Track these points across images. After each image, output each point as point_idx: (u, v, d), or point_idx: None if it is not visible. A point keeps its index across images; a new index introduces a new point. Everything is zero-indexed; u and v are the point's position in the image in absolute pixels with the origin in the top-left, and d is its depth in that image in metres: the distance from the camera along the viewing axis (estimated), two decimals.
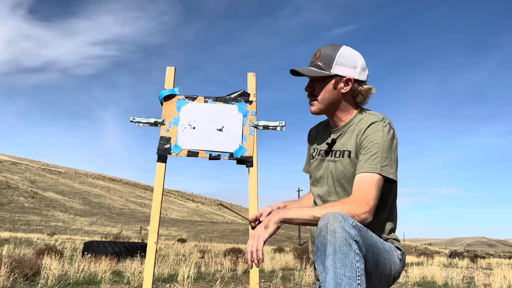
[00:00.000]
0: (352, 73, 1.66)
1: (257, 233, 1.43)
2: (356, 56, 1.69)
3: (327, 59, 1.67)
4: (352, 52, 1.69)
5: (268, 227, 1.44)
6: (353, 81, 1.66)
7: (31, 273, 5.27)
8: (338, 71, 1.66)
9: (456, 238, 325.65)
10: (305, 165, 1.97)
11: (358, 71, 1.67)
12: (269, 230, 1.43)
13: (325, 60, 1.67)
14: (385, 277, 1.52)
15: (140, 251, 11.00)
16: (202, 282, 6.17)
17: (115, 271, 6.63)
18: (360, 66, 1.68)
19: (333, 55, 1.66)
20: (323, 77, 1.68)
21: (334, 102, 1.70)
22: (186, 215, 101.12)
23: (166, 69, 2.54)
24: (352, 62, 1.67)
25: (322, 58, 1.68)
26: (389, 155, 1.56)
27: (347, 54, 1.67)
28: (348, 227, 1.27)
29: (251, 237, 1.44)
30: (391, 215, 1.68)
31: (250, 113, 2.41)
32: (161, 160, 2.34)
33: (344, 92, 1.67)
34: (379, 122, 1.61)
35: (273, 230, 1.44)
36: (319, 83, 1.70)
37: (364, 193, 1.48)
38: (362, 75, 1.69)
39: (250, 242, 1.43)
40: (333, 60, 1.66)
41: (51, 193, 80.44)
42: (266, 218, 1.47)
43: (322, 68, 1.67)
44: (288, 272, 8.45)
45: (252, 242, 1.42)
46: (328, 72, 1.66)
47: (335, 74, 1.66)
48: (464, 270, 11.65)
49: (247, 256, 1.42)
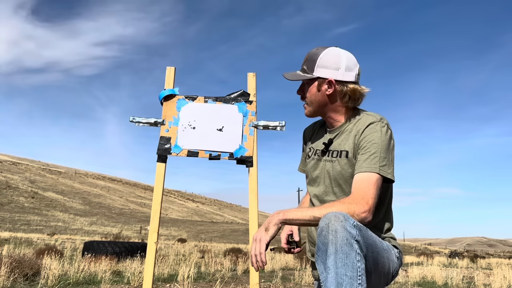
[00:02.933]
0: (334, 75, 1.66)
1: (258, 236, 1.44)
2: (341, 57, 1.67)
3: (311, 62, 1.69)
4: (336, 54, 1.68)
5: (269, 229, 1.45)
6: (335, 83, 1.66)
7: (31, 273, 5.27)
8: (320, 73, 1.67)
9: (456, 238, 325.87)
10: (300, 165, 1.98)
11: (341, 72, 1.66)
12: (270, 232, 1.44)
13: (308, 63, 1.70)
14: (384, 275, 1.54)
15: (140, 251, 11.00)
16: (202, 282, 6.17)
17: (115, 271, 6.63)
18: (344, 67, 1.66)
19: (315, 58, 1.68)
20: (308, 80, 1.71)
21: (322, 104, 1.71)
22: (186, 215, 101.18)
23: (166, 69, 2.54)
24: (334, 63, 1.66)
25: (307, 62, 1.71)
26: (387, 155, 1.57)
27: (329, 56, 1.67)
28: (349, 227, 1.27)
29: (253, 241, 1.45)
30: (388, 214, 1.71)
31: (250, 113, 2.41)
32: (161, 160, 2.33)
33: (328, 94, 1.68)
34: (377, 123, 1.62)
35: (274, 232, 1.45)
36: (307, 86, 1.73)
37: (364, 192, 1.49)
38: (347, 76, 1.67)
39: (253, 246, 1.44)
40: (315, 63, 1.67)
41: (51, 193, 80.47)
42: (266, 220, 1.48)
43: (306, 72, 1.70)
44: (288, 272, 8.45)
45: (255, 245, 1.43)
46: (310, 75, 1.68)
47: (317, 76, 1.67)
48: (464, 270, 11.66)
49: (252, 260, 1.44)
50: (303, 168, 1.94)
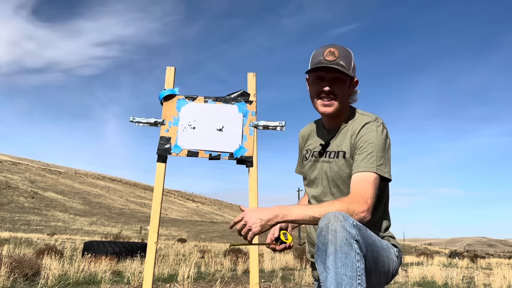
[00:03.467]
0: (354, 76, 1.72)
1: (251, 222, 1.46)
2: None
3: (347, 60, 1.67)
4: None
5: (265, 227, 1.47)
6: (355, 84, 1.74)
7: (31, 273, 5.27)
8: (353, 73, 1.70)
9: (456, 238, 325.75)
10: (297, 166, 1.99)
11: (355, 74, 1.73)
12: (263, 229, 1.47)
13: (346, 61, 1.66)
14: (384, 274, 1.55)
15: (140, 251, 11.01)
16: (202, 282, 6.17)
17: (115, 271, 6.63)
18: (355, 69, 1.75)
19: (351, 57, 1.70)
20: (346, 77, 1.68)
21: (347, 103, 1.75)
22: (186, 215, 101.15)
23: (166, 69, 2.54)
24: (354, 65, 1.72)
25: (343, 58, 1.66)
26: (383, 154, 1.59)
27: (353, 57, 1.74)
28: (348, 227, 1.28)
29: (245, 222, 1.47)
30: (386, 213, 1.73)
31: (250, 113, 2.41)
32: (161, 160, 2.33)
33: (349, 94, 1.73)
34: (372, 122, 1.64)
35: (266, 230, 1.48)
36: (339, 83, 1.67)
37: (362, 192, 1.49)
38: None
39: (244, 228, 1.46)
40: (351, 62, 1.69)
41: (51, 193, 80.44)
42: (265, 212, 1.47)
43: (345, 68, 1.66)
44: (288, 272, 8.45)
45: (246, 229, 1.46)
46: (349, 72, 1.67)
47: (353, 75, 1.70)
48: (464, 270, 11.66)
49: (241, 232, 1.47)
50: (300, 170, 1.95)
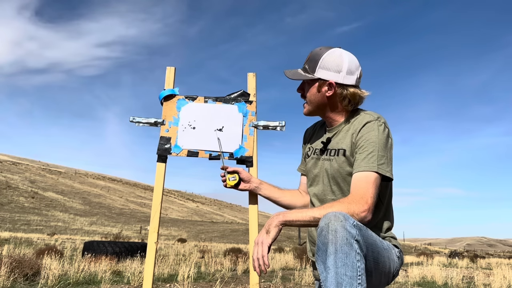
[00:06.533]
0: (335, 77, 1.66)
1: (260, 239, 1.44)
2: (343, 60, 1.67)
3: (313, 62, 1.69)
4: (339, 56, 1.68)
5: (270, 232, 1.44)
6: (335, 85, 1.66)
7: (31, 273, 5.27)
8: (321, 74, 1.67)
9: (456, 238, 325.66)
10: (300, 165, 2.00)
11: (343, 75, 1.66)
12: (271, 234, 1.44)
13: (310, 63, 1.70)
14: (384, 275, 1.54)
15: (140, 251, 11.01)
16: (202, 282, 6.17)
17: (115, 271, 6.63)
18: (345, 70, 1.66)
19: (318, 59, 1.68)
20: (309, 80, 1.71)
21: (321, 105, 1.72)
22: (186, 215, 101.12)
23: (166, 69, 2.54)
24: (336, 66, 1.66)
25: (309, 61, 1.72)
26: (385, 153, 1.57)
27: (332, 57, 1.67)
28: (349, 227, 1.27)
29: (255, 244, 1.44)
30: (388, 213, 1.71)
31: (250, 113, 2.41)
32: (161, 160, 2.33)
33: (328, 96, 1.69)
34: (374, 121, 1.62)
35: (275, 234, 1.45)
36: (307, 86, 1.74)
37: (363, 191, 1.49)
38: (348, 79, 1.67)
39: (255, 250, 1.43)
40: (317, 64, 1.67)
41: (51, 193, 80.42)
42: (266, 223, 1.48)
43: (307, 71, 1.70)
44: (288, 272, 8.45)
45: (257, 249, 1.42)
46: (311, 75, 1.69)
47: (318, 77, 1.68)
48: (464, 270, 11.66)
49: (254, 264, 1.42)
50: (302, 168, 1.96)
